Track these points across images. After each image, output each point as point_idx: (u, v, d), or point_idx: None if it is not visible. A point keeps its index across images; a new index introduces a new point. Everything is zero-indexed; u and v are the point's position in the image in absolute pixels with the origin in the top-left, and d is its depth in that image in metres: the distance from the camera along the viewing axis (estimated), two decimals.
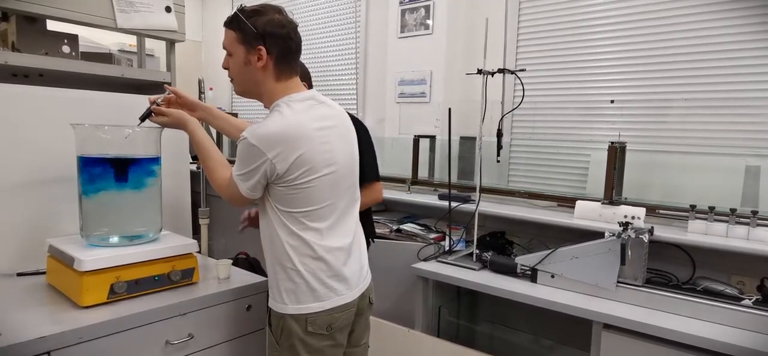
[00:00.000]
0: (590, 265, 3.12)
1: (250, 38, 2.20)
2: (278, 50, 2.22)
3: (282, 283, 2.26)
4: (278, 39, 2.22)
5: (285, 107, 2.20)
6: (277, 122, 2.16)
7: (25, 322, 2.13)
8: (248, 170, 2.14)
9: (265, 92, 2.28)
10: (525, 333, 4.02)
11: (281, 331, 2.28)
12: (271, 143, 2.10)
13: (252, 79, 2.26)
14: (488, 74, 3.64)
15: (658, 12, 3.80)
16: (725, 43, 3.56)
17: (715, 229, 3.25)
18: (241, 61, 2.24)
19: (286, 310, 2.25)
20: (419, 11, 4.79)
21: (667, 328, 2.66)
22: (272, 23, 2.21)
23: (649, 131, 3.87)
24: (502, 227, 4.03)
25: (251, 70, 2.24)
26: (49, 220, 2.85)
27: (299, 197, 2.19)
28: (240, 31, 2.21)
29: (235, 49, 2.25)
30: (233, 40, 2.25)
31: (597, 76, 4.10)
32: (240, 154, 2.15)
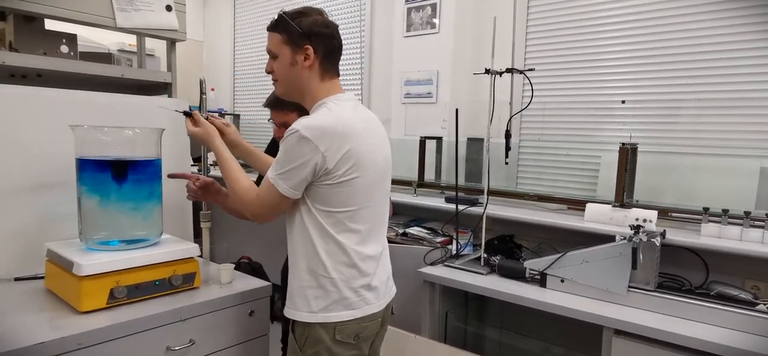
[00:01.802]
0: (601, 269, 3.12)
1: (296, 39, 2.27)
2: (323, 49, 2.30)
3: (311, 291, 2.27)
4: (323, 38, 2.30)
5: (332, 104, 2.27)
6: (326, 115, 2.22)
7: (23, 328, 2.13)
8: (294, 165, 2.14)
9: (309, 92, 2.34)
10: (534, 339, 4.02)
11: (306, 339, 2.29)
12: (324, 135, 2.13)
13: (297, 78, 2.32)
14: (496, 74, 3.64)
15: (670, 10, 3.80)
16: (738, 41, 3.56)
17: (728, 232, 3.24)
18: (288, 62, 2.30)
19: (316, 318, 2.26)
20: (426, 10, 4.79)
21: (679, 334, 2.66)
22: (317, 23, 2.29)
23: (661, 132, 3.87)
24: (511, 230, 4.03)
25: (297, 70, 2.30)
26: (47, 223, 2.86)
27: (343, 195, 2.21)
28: (286, 32, 2.29)
29: (280, 50, 2.31)
30: (279, 42, 2.31)
31: (607, 76, 4.10)
32: (287, 150, 2.14)
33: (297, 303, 2.30)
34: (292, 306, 2.32)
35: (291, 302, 2.33)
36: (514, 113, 4.04)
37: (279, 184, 2.17)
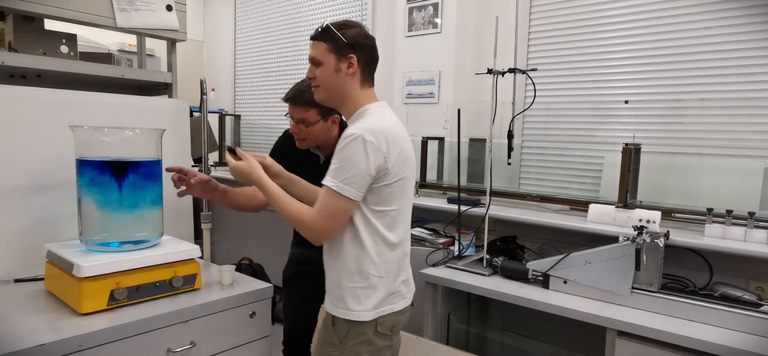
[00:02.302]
0: (604, 270, 3.12)
1: (341, 47, 2.37)
2: (365, 59, 2.42)
3: (363, 291, 2.37)
4: (366, 48, 2.42)
5: (377, 109, 2.41)
6: (379, 120, 2.34)
7: (23, 330, 2.14)
8: (359, 170, 2.23)
9: (349, 98, 2.43)
10: (537, 341, 4.02)
11: (347, 333, 2.39)
12: (385, 138, 2.26)
13: (339, 85, 2.41)
14: (498, 74, 3.64)
15: (674, 9, 3.79)
16: (742, 41, 3.55)
17: (732, 233, 3.24)
18: (332, 70, 2.39)
19: (364, 317, 2.37)
20: (427, 9, 4.79)
21: (683, 335, 2.66)
22: (360, 34, 2.42)
23: (665, 132, 3.86)
24: (513, 231, 4.03)
25: (340, 78, 2.39)
26: (47, 225, 2.86)
27: (396, 194, 2.36)
28: (332, 41, 2.38)
29: (325, 58, 2.39)
30: (324, 50, 2.40)
31: (611, 76, 4.09)
32: (348, 156, 2.22)
33: (349, 303, 2.38)
34: (343, 306, 2.39)
35: (342, 302, 2.39)
36: (517, 114, 4.04)
37: (345, 190, 2.22)
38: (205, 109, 4.26)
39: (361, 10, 5.63)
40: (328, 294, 2.47)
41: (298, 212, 2.33)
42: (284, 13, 6.47)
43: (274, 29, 6.63)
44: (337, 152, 2.25)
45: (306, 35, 6.21)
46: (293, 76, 6.41)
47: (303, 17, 6.27)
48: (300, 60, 6.34)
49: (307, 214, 2.30)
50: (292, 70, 6.43)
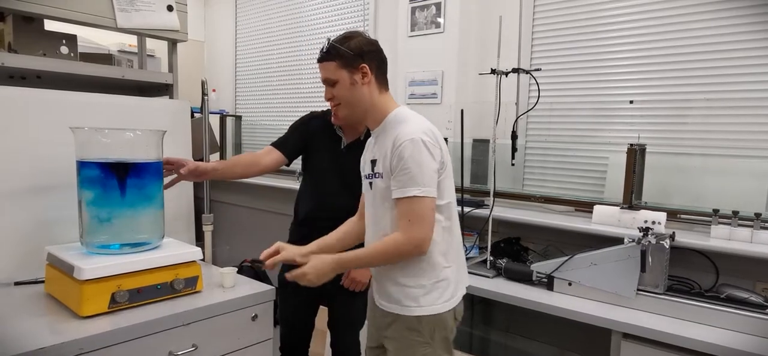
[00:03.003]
0: (609, 272, 3.12)
1: (351, 61, 2.44)
2: (376, 63, 2.48)
3: (435, 283, 2.42)
4: (374, 54, 2.49)
5: (408, 112, 2.49)
6: (419, 120, 2.42)
7: (23, 333, 2.14)
8: (430, 169, 2.30)
9: (372, 107, 2.50)
10: (541, 344, 4.02)
11: (435, 328, 2.44)
12: (433, 134, 2.37)
13: (359, 97, 2.47)
14: (502, 74, 3.64)
15: (679, 9, 3.79)
16: (748, 41, 3.54)
17: (739, 234, 3.24)
18: (348, 84, 2.46)
19: (445, 307, 2.45)
20: (430, 9, 4.79)
21: (689, 337, 2.66)
22: (365, 42, 2.49)
23: (670, 133, 3.85)
24: (517, 233, 4.03)
25: (358, 89, 2.46)
26: (47, 227, 2.86)
27: (448, 185, 2.44)
28: (339, 57, 2.46)
29: (338, 75, 2.47)
30: (334, 68, 2.48)
31: (615, 76, 4.08)
32: (417, 160, 2.28)
33: (430, 299, 2.43)
34: (426, 303, 2.43)
35: (424, 300, 2.42)
36: (521, 114, 4.04)
37: (430, 192, 2.29)
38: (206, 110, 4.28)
39: (363, 10, 5.63)
40: (401, 296, 2.44)
41: (392, 247, 2.34)
42: (285, 12, 6.47)
43: (275, 29, 6.63)
44: (400, 159, 2.28)
45: (307, 35, 6.23)
46: (295, 77, 6.42)
47: (304, 17, 6.26)
48: (301, 60, 6.33)
49: (401, 237, 2.31)
50: (293, 70, 6.43)
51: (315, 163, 3.30)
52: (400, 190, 2.28)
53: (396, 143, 2.30)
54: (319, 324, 3.53)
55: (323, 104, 2.80)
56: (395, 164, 2.29)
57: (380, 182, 2.42)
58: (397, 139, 2.30)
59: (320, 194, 3.25)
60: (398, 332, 2.46)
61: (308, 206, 3.30)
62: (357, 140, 3.20)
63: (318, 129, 3.28)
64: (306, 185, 3.39)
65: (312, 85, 6.17)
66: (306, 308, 3.44)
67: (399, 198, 2.29)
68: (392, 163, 2.31)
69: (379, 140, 2.47)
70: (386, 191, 2.38)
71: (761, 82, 3.49)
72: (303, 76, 6.31)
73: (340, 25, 5.88)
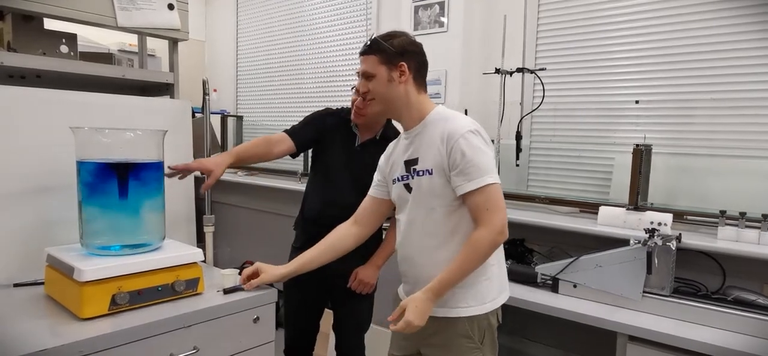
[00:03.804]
0: (615, 274, 3.12)
1: (391, 57, 2.50)
2: (416, 64, 2.55)
3: (483, 281, 2.50)
4: (415, 54, 2.56)
5: (449, 110, 2.56)
6: (463, 117, 2.49)
7: (22, 335, 2.14)
8: (491, 156, 2.41)
9: (407, 105, 2.56)
10: (546, 346, 4.01)
11: (484, 334, 2.53)
12: (482, 129, 2.44)
13: (395, 95, 2.53)
14: (506, 74, 3.65)
15: (685, 8, 3.79)
16: (754, 41, 3.54)
17: (746, 236, 3.23)
18: (385, 80, 2.52)
19: (494, 305, 2.56)
20: (433, 8, 4.79)
21: (695, 340, 2.65)
22: (407, 42, 2.55)
23: (676, 133, 3.85)
24: (522, 234, 4.02)
25: (394, 86, 2.52)
26: (47, 228, 2.87)
27: None
28: (381, 53, 2.51)
29: (377, 70, 2.52)
30: (375, 62, 2.53)
31: (621, 76, 4.08)
32: (479, 150, 2.36)
33: (479, 298, 2.50)
34: (476, 302, 2.50)
35: (465, 302, 2.47)
36: (525, 114, 4.04)
37: (497, 178, 2.39)
38: (207, 110, 4.28)
39: (366, 9, 5.63)
40: (448, 297, 2.45)
41: (480, 245, 2.37)
42: (287, 11, 6.47)
43: (276, 29, 6.63)
44: (463, 154, 2.32)
45: (309, 34, 6.23)
46: (296, 77, 6.43)
47: (306, 16, 6.27)
48: (303, 60, 6.34)
49: (484, 230, 2.35)
50: (295, 70, 6.44)
51: (327, 159, 3.30)
52: (472, 182, 2.32)
53: (450, 138, 2.35)
54: (322, 327, 3.53)
55: (324, 104, 2.81)
56: (458, 159, 2.33)
57: (427, 180, 2.45)
58: (450, 134, 2.35)
59: (331, 192, 3.25)
60: (447, 339, 2.49)
61: (317, 203, 3.29)
62: (372, 139, 3.22)
63: (333, 125, 3.29)
64: (315, 182, 3.38)
65: (314, 85, 6.18)
66: (311, 310, 3.44)
67: (472, 191, 2.32)
68: (451, 158, 2.35)
69: (418, 140, 2.51)
70: (436, 188, 2.42)
71: None
72: (305, 76, 6.31)
73: (342, 25, 5.88)
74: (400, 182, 2.58)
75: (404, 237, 2.61)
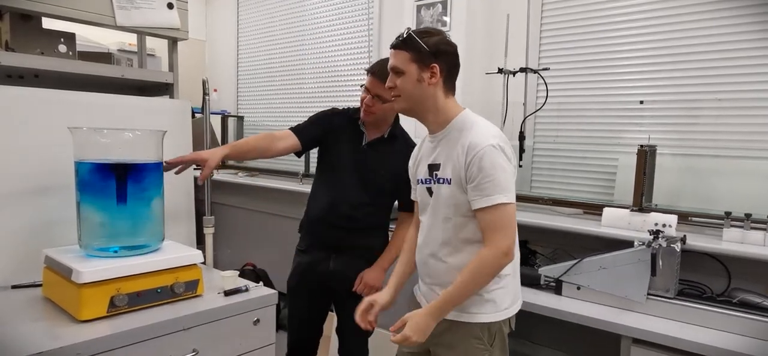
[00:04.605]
0: (619, 276, 3.12)
1: (424, 57, 2.40)
2: (447, 67, 2.46)
3: (497, 290, 2.47)
4: (449, 56, 2.47)
5: (476, 117, 2.50)
6: (487, 125, 2.46)
7: (20, 337, 2.14)
8: (509, 174, 2.34)
9: (433, 108, 2.49)
10: (549, 349, 4.01)
11: (495, 337, 2.51)
12: (503, 139, 2.39)
13: (423, 95, 2.45)
14: (509, 74, 3.64)
15: (690, 7, 3.79)
16: (760, 40, 3.54)
17: (751, 237, 3.23)
18: (414, 79, 2.43)
19: (508, 314, 2.53)
20: (436, 7, 4.78)
21: (700, 343, 2.65)
22: (442, 42, 2.45)
23: (681, 133, 3.85)
24: (525, 236, 4.02)
25: (423, 87, 2.43)
26: (45, 229, 2.86)
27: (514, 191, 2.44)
28: (414, 50, 2.41)
29: (407, 67, 2.43)
30: (406, 59, 2.43)
31: (625, 76, 4.08)
32: (496, 166, 2.31)
33: (494, 305, 2.48)
34: (492, 310, 2.48)
35: (479, 308, 2.47)
36: (528, 114, 4.04)
37: (513, 198, 2.33)
38: (207, 110, 4.27)
39: (368, 8, 5.63)
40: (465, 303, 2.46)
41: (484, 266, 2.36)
42: (288, 11, 6.48)
43: (277, 28, 6.64)
44: (480, 168, 2.29)
45: (311, 34, 6.24)
46: (298, 77, 6.43)
47: (307, 15, 6.27)
48: (304, 59, 6.35)
49: (489, 251, 2.34)
50: (296, 70, 6.44)
51: (333, 158, 3.29)
52: (484, 198, 2.30)
53: (470, 149, 2.32)
54: (325, 330, 3.53)
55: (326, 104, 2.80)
56: (474, 173, 2.31)
57: (446, 188, 2.44)
58: (471, 146, 2.32)
59: (339, 191, 3.23)
60: (457, 339, 2.49)
61: (323, 202, 3.28)
62: (380, 139, 3.21)
63: (339, 125, 3.28)
64: (321, 182, 3.36)
65: (315, 85, 6.18)
66: (315, 313, 3.44)
67: (484, 207, 2.30)
68: (469, 171, 2.33)
69: (443, 145, 2.49)
70: (451, 198, 2.42)
71: None
72: (306, 75, 6.32)
73: (343, 24, 5.89)
74: (424, 185, 2.57)
75: (423, 241, 2.61)
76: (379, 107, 3.05)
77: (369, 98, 3.05)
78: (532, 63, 4.25)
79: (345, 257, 3.20)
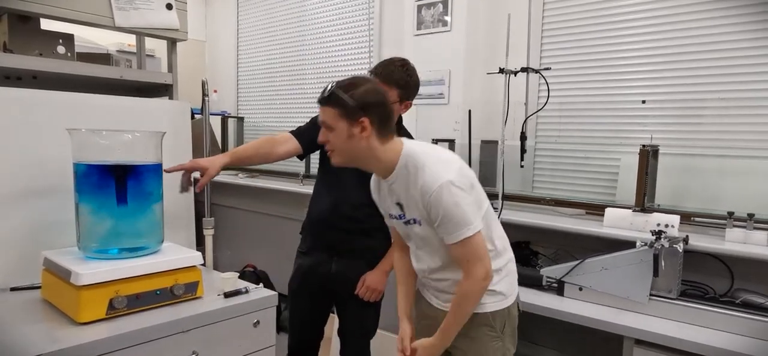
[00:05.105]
0: (621, 277, 3.12)
1: (351, 112, 2.33)
2: (379, 118, 2.37)
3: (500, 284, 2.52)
4: (378, 107, 2.38)
5: (419, 152, 2.41)
6: (434, 162, 2.36)
7: (19, 340, 2.14)
8: (470, 206, 2.33)
9: (373, 157, 2.43)
10: (551, 350, 4.01)
11: (505, 324, 2.56)
12: (453, 168, 2.36)
13: (357, 149, 2.39)
14: (511, 74, 3.64)
15: (692, 5, 3.79)
16: (763, 39, 3.54)
17: (754, 238, 3.23)
18: (345, 136, 2.37)
19: (513, 299, 2.59)
20: (437, 7, 4.79)
21: (703, 344, 2.66)
22: (370, 93, 2.37)
23: (684, 133, 3.85)
24: (527, 236, 4.02)
25: (355, 141, 2.36)
26: (44, 231, 2.86)
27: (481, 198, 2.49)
28: (340, 106, 2.34)
29: (336, 123, 2.37)
30: (334, 115, 2.36)
31: (627, 75, 4.08)
32: (457, 203, 2.29)
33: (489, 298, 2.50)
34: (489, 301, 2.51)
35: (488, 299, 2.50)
36: (530, 114, 4.04)
37: (477, 226, 2.33)
38: (207, 111, 4.28)
39: (368, 8, 5.63)
40: None
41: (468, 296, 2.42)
42: (289, 11, 6.48)
43: (278, 28, 6.64)
44: (438, 211, 2.30)
45: (312, 34, 6.24)
46: (298, 77, 6.44)
47: (308, 15, 6.27)
48: (305, 60, 6.35)
49: (468, 282, 2.39)
50: (297, 70, 6.44)
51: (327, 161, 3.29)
52: (450, 236, 2.32)
53: (424, 194, 2.31)
54: (326, 332, 3.53)
55: None
56: (434, 215, 2.31)
57: (420, 228, 2.46)
58: (424, 191, 2.31)
59: (338, 191, 3.22)
60: (469, 329, 2.51)
61: (325, 203, 3.27)
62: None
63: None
64: (323, 183, 3.36)
65: (316, 85, 6.18)
66: (316, 315, 3.43)
67: (452, 243, 2.33)
68: (431, 214, 2.33)
69: (398, 187, 2.47)
70: (430, 233, 2.43)
71: None
72: (307, 76, 6.32)
73: (344, 24, 5.89)
74: (399, 220, 2.57)
75: (418, 264, 2.64)
76: None
77: None
78: (534, 63, 4.25)
79: (347, 260, 3.20)
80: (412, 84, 3.10)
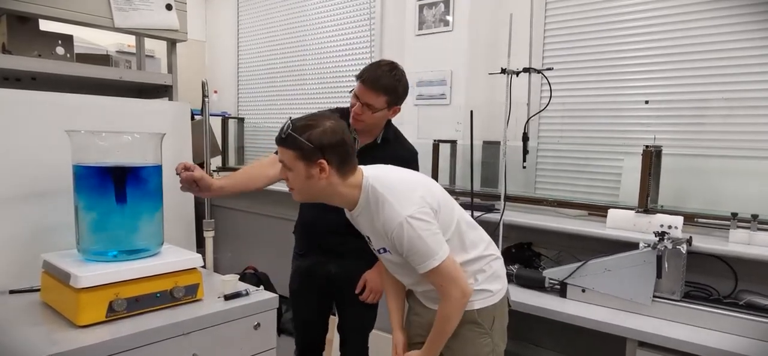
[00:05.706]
0: (624, 278, 3.12)
1: (308, 154, 2.30)
2: (338, 158, 2.34)
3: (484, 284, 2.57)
4: (336, 147, 2.33)
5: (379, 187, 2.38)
6: (394, 197, 2.35)
7: (18, 343, 2.14)
8: (433, 236, 2.34)
9: (335, 194, 2.42)
10: (554, 352, 4.01)
11: (493, 320, 2.60)
12: (412, 200, 2.34)
13: (317, 188, 2.37)
14: (513, 74, 3.64)
15: (695, 5, 3.79)
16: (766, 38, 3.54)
17: (758, 239, 3.23)
18: (303, 177, 2.35)
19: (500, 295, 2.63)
20: (438, 7, 4.78)
21: (707, 346, 2.65)
22: (327, 133, 2.32)
23: (687, 134, 3.85)
24: (529, 238, 4.03)
25: (315, 182, 2.34)
26: (43, 234, 2.86)
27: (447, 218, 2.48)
28: (297, 148, 2.32)
29: (294, 165, 2.35)
30: (292, 157, 2.34)
31: (630, 75, 4.08)
32: (421, 237, 2.31)
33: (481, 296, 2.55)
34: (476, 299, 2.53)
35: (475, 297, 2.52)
36: (532, 115, 4.04)
37: (444, 252, 2.35)
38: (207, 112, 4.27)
39: (369, 8, 5.63)
40: None
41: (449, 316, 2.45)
42: (289, 11, 6.48)
43: (278, 28, 6.64)
44: (402, 247, 2.32)
45: (312, 34, 6.25)
46: (299, 77, 6.44)
47: (308, 16, 6.27)
48: (305, 60, 6.35)
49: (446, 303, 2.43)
50: (297, 70, 6.44)
51: None
52: (419, 266, 2.34)
53: (387, 232, 2.33)
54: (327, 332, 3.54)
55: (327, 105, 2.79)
56: (400, 249, 2.34)
57: (391, 256, 2.48)
58: (386, 229, 2.33)
59: None
60: (459, 327, 2.51)
61: (314, 207, 3.28)
62: (372, 143, 3.19)
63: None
64: None
65: (317, 85, 6.18)
66: (319, 314, 3.44)
67: (425, 272, 2.35)
68: (396, 247, 2.35)
69: (363, 221, 2.49)
70: (401, 260, 2.44)
71: None
72: (307, 76, 6.32)
73: (345, 24, 5.89)
74: (370, 245, 2.60)
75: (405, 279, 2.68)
76: (369, 116, 3.02)
77: (358, 105, 3.02)
78: (536, 63, 4.24)
79: (345, 261, 3.19)
80: (401, 89, 3.07)
